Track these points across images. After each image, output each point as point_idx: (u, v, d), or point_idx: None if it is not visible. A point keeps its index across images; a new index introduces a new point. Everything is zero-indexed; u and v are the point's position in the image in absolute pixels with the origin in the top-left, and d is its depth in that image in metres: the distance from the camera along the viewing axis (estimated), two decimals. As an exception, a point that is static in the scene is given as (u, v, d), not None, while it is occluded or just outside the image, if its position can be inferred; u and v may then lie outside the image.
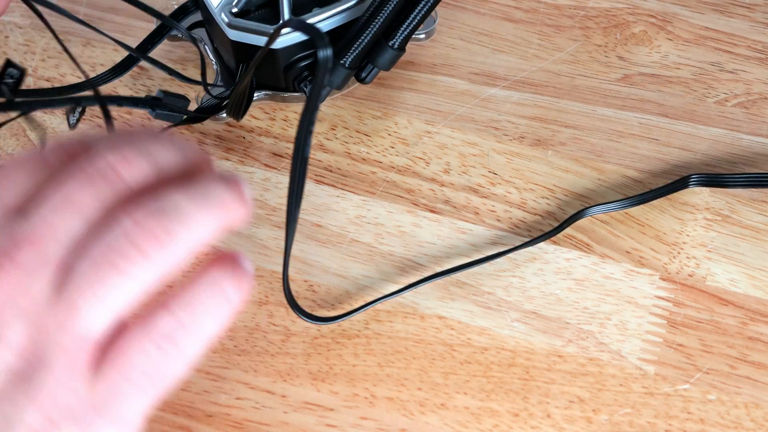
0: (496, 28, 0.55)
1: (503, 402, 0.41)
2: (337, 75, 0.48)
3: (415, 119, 0.51)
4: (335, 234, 0.46)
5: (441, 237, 0.46)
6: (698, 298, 0.44)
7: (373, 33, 0.47)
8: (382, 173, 0.49)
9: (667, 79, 0.52)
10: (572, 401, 0.41)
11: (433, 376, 0.42)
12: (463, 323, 0.43)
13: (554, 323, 0.43)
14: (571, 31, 0.54)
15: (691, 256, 0.45)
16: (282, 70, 0.48)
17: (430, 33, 0.53)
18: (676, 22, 0.55)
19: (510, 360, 0.42)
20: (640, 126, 0.50)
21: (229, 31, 0.47)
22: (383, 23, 0.46)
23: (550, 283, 0.44)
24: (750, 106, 0.51)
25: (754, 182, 0.47)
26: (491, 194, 0.48)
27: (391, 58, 0.48)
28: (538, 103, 0.51)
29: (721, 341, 0.43)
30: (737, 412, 0.41)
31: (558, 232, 0.45)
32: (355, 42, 0.47)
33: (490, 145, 0.50)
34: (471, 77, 0.52)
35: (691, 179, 0.46)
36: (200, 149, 0.27)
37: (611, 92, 0.52)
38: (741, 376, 0.42)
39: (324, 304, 0.44)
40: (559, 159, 0.49)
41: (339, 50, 0.47)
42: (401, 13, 0.47)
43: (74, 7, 0.56)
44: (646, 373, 0.42)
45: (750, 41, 0.54)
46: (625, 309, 0.44)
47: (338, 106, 0.51)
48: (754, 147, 0.49)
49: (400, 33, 0.47)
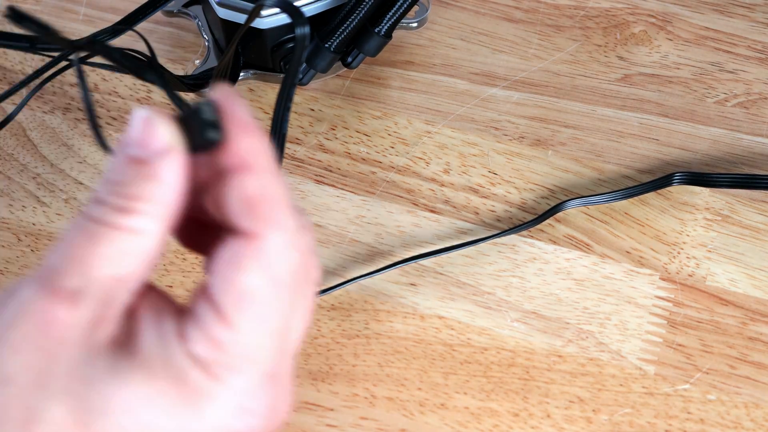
0: (496, 28, 0.55)
1: (503, 402, 0.41)
2: (322, 58, 0.49)
3: (415, 119, 0.51)
4: (335, 234, 0.46)
5: (441, 237, 0.46)
6: (698, 298, 0.44)
7: (359, 18, 0.48)
8: (382, 173, 0.49)
9: (667, 79, 0.52)
10: (572, 401, 0.41)
11: (433, 376, 0.42)
12: (463, 323, 0.43)
13: (554, 323, 0.43)
14: (571, 31, 0.54)
15: (691, 256, 0.45)
16: (269, 51, 0.49)
17: (423, 21, 0.54)
18: (676, 22, 0.55)
19: (510, 360, 0.42)
20: (640, 126, 0.50)
21: (219, 9, 0.47)
22: (369, 9, 0.47)
23: (550, 283, 0.44)
24: (750, 106, 0.51)
25: (738, 183, 0.47)
26: (491, 194, 0.48)
27: (378, 44, 0.49)
28: (538, 103, 0.51)
29: (721, 341, 0.43)
30: (737, 412, 0.41)
31: (539, 222, 0.46)
32: (341, 26, 0.48)
33: (490, 145, 0.50)
34: (471, 77, 0.52)
35: (674, 177, 0.47)
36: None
37: (611, 92, 0.52)
38: (741, 376, 0.42)
39: (324, 304, 0.44)
40: (559, 159, 0.49)
41: (325, 34, 0.48)
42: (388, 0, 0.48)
43: (74, 6, 0.56)
44: (646, 373, 0.42)
45: (750, 41, 0.54)
46: (625, 309, 0.44)
47: (338, 106, 0.51)
48: (754, 147, 0.49)
49: (387, 20, 0.48)
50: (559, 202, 0.46)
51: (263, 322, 0.26)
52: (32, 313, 0.25)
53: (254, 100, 0.52)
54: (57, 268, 0.25)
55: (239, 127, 0.26)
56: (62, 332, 0.25)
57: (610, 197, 0.47)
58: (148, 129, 0.26)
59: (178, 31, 0.55)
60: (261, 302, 0.26)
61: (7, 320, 0.25)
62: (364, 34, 0.49)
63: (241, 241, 0.26)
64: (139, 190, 0.26)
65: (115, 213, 0.25)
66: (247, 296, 0.26)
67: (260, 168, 0.26)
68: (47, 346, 0.25)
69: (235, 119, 0.26)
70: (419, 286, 0.44)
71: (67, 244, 0.26)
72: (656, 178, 0.47)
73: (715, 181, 0.47)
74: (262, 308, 0.26)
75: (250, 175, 0.26)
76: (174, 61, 0.53)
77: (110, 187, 0.26)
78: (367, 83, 0.52)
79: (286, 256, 0.26)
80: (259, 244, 0.26)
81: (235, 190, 0.26)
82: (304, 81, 0.50)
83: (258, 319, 0.26)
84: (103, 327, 0.26)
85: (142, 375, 0.25)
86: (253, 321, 0.26)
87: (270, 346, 0.27)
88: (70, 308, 0.25)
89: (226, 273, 0.26)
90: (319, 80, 0.52)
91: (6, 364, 0.25)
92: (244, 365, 0.26)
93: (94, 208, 0.26)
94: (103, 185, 0.26)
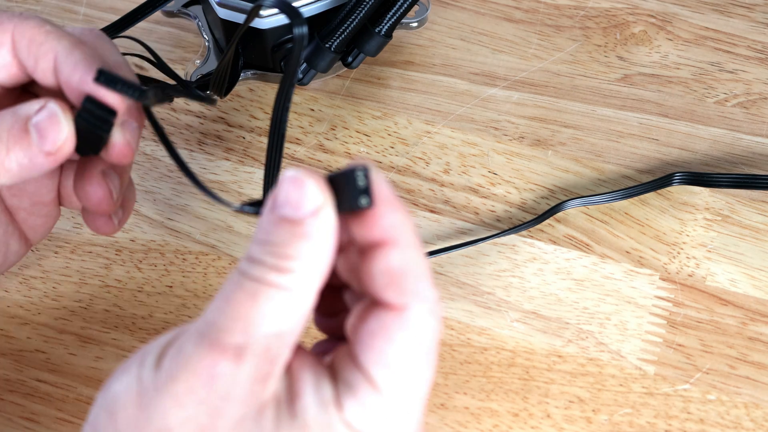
0: (496, 28, 0.55)
1: (503, 402, 0.41)
2: (323, 58, 0.49)
3: (415, 119, 0.51)
4: (335, 234, 0.46)
5: (441, 237, 0.46)
6: (698, 298, 0.44)
7: (359, 18, 0.48)
8: (382, 173, 0.49)
9: (666, 79, 0.52)
10: (572, 401, 0.41)
11: (432, 376, 0.42)
12: (463, 323, 0.43)
13: (554, 323, 0.43)
14: (571, 31, 0.54)
15: (691, 256, 0.45)
16: (270, 51, 0.49)
17: (423, 21, 0.54)
18: (676, 22, 0.55)
19: (510, 360, 0.42)
20: (639, 126, 0.50)
21: (219, 9, 0.47)
22: (369, 9, 0.47)
23: (550, 283, 0.44)
24: (750, 106, 0.51)
25: (738, 183, 0.47)
26: (491, 194, 0.48)
27: (378, 44, 0.49)
28: (538, 103, 0.51)
29: (721, 341, 0.43)
30: (737, 412, 0.41)
31: (539, 222, 0.46)
32: (341, 26, 0.48)
33: (490, 145, 0.50)
34: (471, 77, 0.52)
35: (674, 177, 0.47)
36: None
37: (611, 92, 0.52)
38: (741, 376, 0.42)
39: (324, 304, 0.44)
40: (559, 159, 0.49)
41: (325, 34, 0.48)
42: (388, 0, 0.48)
43: (74, 7, 0.56)
44: (646, 373, 0.42)
45: (750, 41, 0.54)
46: (625, 309, 0.44)
47: (338, 106, 0.51)
48: (753, 147, 0.49)
49: (387, 19, 0.48)
50: (559, 202, 0.46)
51: (413, 390, 0.27)
52: (197, 367, 0.26)
53: (254, 100, 0.52)
54: (219, 324, 0.26)
55: (385, 200, 0.27)
56: (227, 388, 0.26)
57: (610, 197, 0.47)
58: (299, 190, 0.27)
59: (177, 31, 0.55)
60: (411, 372, 0.27)
61: (171, 372, 0.26)
62: (364, 33, 0.49)
63: (387, 313, 0.27)
64: (293, 250, 0.26)
65: (271, 272, 0.26)
66: (397, 367, 0.27)
67: (405, 243, 0.27)
68: (211, 401, 0.26)
69: (382, 193, 0.27)
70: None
71: (226, 301, 0.26)
72: (656, 178, 0.47)
73: (715, 181, 0.47)
74: (412, 378, 0.27)
75: (395, 249, 0.27)
76: (174, 61, 0.53)
77: (264, 247, 0.27)
78: (367, 83, 0.52)
79: (430, 326, 0.27)
80: (406, 315, 0.27)
81: (381, 264, 0.27)
82: (304, 81, 0.50)
83: (408, 388, 0.27)
84: (267, 384, 0.26)
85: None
86: (404, 391, 0.27)
87: (417, 414, 0.28)
88: (235, 364, 0.26)
89: (374, 343, 0.27)
90: (319, 80, 0.52)
91: (168, 417, 0.26)
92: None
93: (251, 267, 0.27)
94: (257, 245, 0.27)
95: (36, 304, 0.44)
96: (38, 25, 0.35)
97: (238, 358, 0.26)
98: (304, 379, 0.27)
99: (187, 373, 0.26)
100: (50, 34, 0.35)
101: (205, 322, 0.26)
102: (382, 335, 0.27)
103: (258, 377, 0.26)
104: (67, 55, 0.34)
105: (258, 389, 0.26)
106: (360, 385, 0.27)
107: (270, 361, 0.26)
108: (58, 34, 0.35)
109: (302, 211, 0.27)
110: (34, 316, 0.43)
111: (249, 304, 0.26)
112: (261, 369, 0.26)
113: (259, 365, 0.26)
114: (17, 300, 0.44)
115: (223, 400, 0.26)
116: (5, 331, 0.43)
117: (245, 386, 0.26)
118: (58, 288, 0.44)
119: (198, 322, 0.27)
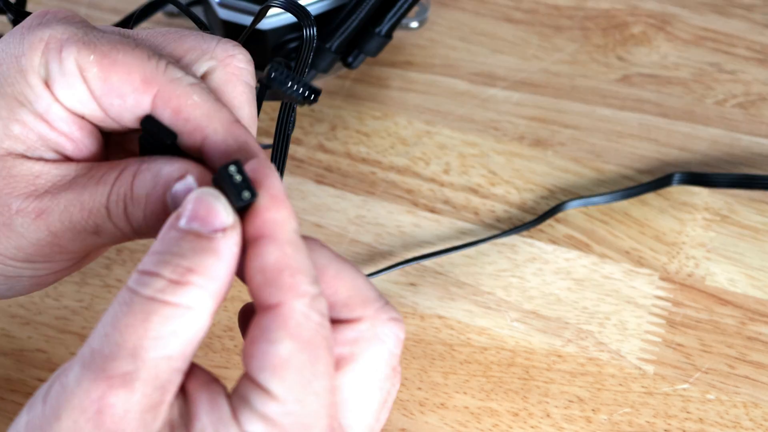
0: (495, 28, 0.55)
1: (503, 401, 0.41)
2: (323, 59, 0.49)
3: (415, 119, 0.51)
4: (335, 234, 0.47)
5: (441, 237, 0.46)
6: (697, 298, 0.44)
7: (360, 18, 0.48)
8: (382, 173, 0.49)
9: (666, 79, 0.52)
10: (572, 401, 0.41)
11: (432, 376, 0.42)
12: (462, 323, 0.43)
13: (554, 323, 0.43)
14: (571, 32, 0.55)
15: (691, 256, 0.45)
16: (271, 51, 0.49)
17: (423, 21, 0.54)
18: (675, 23, 0.55)
19: (509, 360, 0.42)
20: (639, 126, 0.50)
21: (220, 10, 0.48)
22: (370, 9, 0.48)
23: (550, 283, 0.45)
24: (749, 106, 0.51)
25: (737, 183, 0.47)
26: (491, 194, 0.48)
27: (378, 44, 0.49)
28: (538, 103, 0.51)
29: (720, 341, 0.43)
30: (736, 411, 0.41)
31: (539, 222, 0.46)
32: (342, 26, 0.48)
33: (489, 145, 0.50)
34: (471, 77, 0.52)
35: (674, 177, 0.47)
36: None
37: (610, 93, 0.52)
38: (740, 376, 0.42)
39: (324, 303, 0.44)
40: (558, 159, 0.49)
41: (326, 34, 0.48)
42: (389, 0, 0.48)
43: (75, 7, 0.56)
44: (645, 373, 0.42)
45: (749, 42, 0.54)
46: (625, 309, 0.44)
47: (338, 106, 0.51)
48: (753, 147, 0.49)
49: (388, 20, 0.48)
50: (559, 203, 0.46)
51: (305, 386, 0.25)
52: (82, 402, 0.24)
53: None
54: (104, 351, 0.24)
55: (270, 195, 0.26)
56: (116, 421, 0.24)
57: (609, 197, 0.47)
58: (207, 205, 0.26)
59: (178, 31, 0.55)
60: (299, 370, 0.25)
61: (54, 410, 0.24)
62: (364, 34, 0.49)
63: (265, 315, 0.26)
64: (195, 263, 0.25)
65: (168, 286, 0.25)
66: (282, 365, 0.25)
67: (282, 239, 0.26)
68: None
69: (270, 187, 0.26)
70: (419, 285, 0.45)
71: (113, 325, 0.25)
72: (656, 178, 0.47)
73: (715, 181, 0.47)
74: (303, 375, 0.25)
75: (271, 245, 0.26)
76: (174, 62, 0.53)
77: (162, 256, 0.25)
78: (368, 84, 0.52)
79: (311, 319, 0.26)
80: (282, 312, 0.25)
81: (256, 262, 0.26)
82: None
83: (299, 384, 0.25)
84: (158, 412, 0.25)
85: None
86: (295, 388, 0.25)
87: (318, 407, 0.26)
88: (124, 394, 0.24)
89: (257, 349, 0.25)
90: (319, 80, 0.52)
91: None
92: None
93: (143, 283, 0.25)
94: (152, 256, 0.25)
95: (37, 304, 0.44)
96: (185, 94, 0.29)
97: (126, 386, 0.24)
98: (199, 400, 0.25)
99: (70, 410, 0.24)
100: (198, 109, 0.29)
101: (89, 350, 0.24)
102: (263, 339, 0.25)
103: (149, 406, 0.24)
104: (217, 142, 0.29)
105: (149, 418, 0.24)
106: (252, 395, 0.25)
107: (161, 388, 0.25)
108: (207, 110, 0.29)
109: (212, 227, 0.25)
110: (35, 316, 0.44)
111: (139, 325, 0.24)
112: (152, 398, 0.24)
113: (149, 394, 0.24)
114: (18, 299, 0.44)
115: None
116: (6, 330, 0.43)
117: (135, 417, 0.24)
118: (59, 287, 0.44)
119: (82, 350, 0.25)
